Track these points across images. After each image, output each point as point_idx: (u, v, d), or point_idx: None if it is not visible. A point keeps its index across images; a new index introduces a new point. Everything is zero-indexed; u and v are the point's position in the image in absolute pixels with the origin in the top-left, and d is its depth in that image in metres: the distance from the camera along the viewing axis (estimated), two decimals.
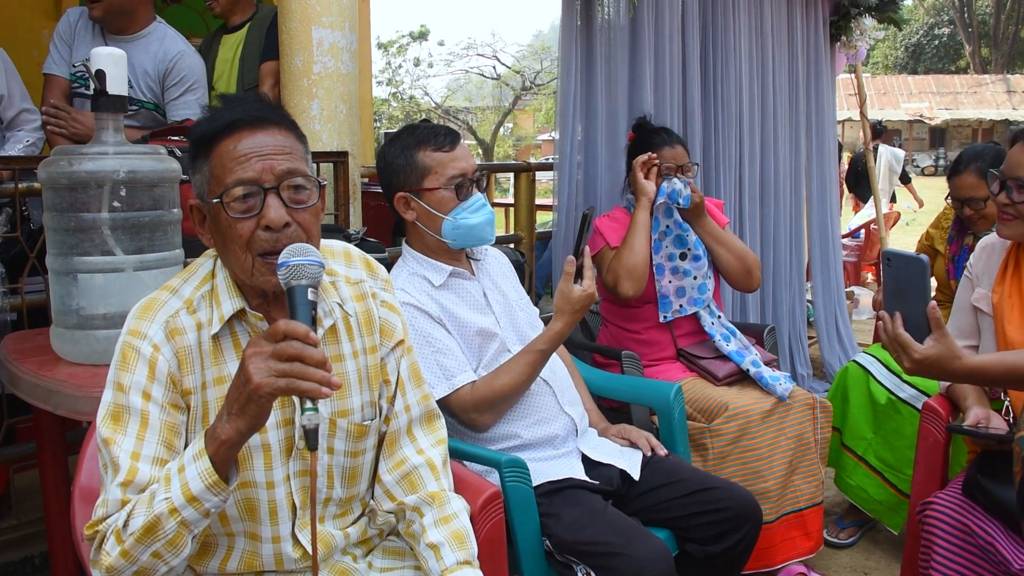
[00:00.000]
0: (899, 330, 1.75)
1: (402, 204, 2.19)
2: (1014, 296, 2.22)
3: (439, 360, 2.08)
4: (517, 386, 2.11)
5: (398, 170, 2.17)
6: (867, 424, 3.00)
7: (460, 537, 1.57)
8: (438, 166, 2.15)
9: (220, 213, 1.41)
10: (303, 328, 1.25)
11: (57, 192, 1.92)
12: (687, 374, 2.87)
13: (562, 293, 2.15)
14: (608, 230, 2.98)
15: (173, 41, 3.15)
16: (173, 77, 3.11)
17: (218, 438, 1.28)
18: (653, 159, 2.89)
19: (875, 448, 2.99)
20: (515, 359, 2.14)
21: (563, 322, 2.14)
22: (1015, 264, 2.26)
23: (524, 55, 27.25)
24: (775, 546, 2.64)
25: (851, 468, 3.06)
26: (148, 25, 3.13)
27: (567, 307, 2.14)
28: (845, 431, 3.07)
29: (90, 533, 1.36)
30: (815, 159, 4.79)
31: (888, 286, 1.78)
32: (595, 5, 3.44)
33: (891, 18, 5.03)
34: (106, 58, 1.94)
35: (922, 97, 31.93)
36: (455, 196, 2.15)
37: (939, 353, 1.72)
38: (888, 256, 1.80)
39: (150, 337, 1.42)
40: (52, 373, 1.95)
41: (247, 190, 1.40)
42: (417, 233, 2.22)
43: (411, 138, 2.18)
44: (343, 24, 2.93)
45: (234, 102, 1.47)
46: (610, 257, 2.90)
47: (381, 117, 26.30)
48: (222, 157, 1.41)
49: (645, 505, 2.16)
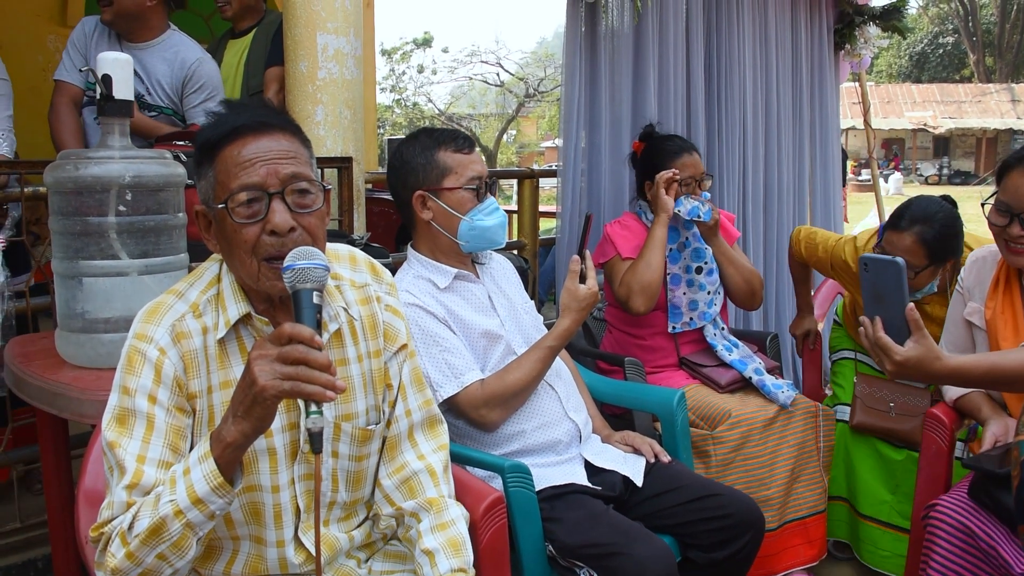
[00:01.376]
0: (879, 334, 1.75)
1: (419, 203, 2.18)
2: (1007, 311, 2.23)
3: (447, 359, 2.08)
4: (528, 381, 2.13)
5: (417, 168, 2.17)
6: (882, 486, 2.82)
7: (456, 544, 1.58)
8: (458, 166, 2.16)
9: (225, 218, 1.41)
10: (308, 331, 1.25)
11: (63, 196, 1.93)
12: (690, 381, 2.87)
13: (569, 291, 2.19)
14: (619, 239, 2.95)
15: (190, 48, 3.17)
16: (193, 84, 3.13)
17: (223, 440, 1.28)
18: (676, 176, 2.85)
19: (899, 508, 2.77)
20: (525, 355, 2.16)
21: (571, 319, 2.18)
22: (1006, 279, 2.26)
23: (528, 62, 27.33)
24: (777, 554, 2.64)
25: (878, 538, 2.82)
26: (163, 33, 3.14)
27: (574, 304, 2.18)
28: (859, 500, 2.86)
29: (95, 535, 1.36)
30: (819, 167, 4.79)
31: (867, 291, 1.79)
32: (599, 12, 3.45)
33: (895, 26, 5.03)
34: (112, 63, 1.95)
35: (926, 106, 31.94)
36: (474, 197, 2.17)
37: (920, 355, 1.72)
38: (865, 261, 1.80)
39: (156, 341, 1.42)
40: (57, 376, 1.95)
41: (252, 195, 1.40)
42: (429, 234, 2.22)
43: (430, 138, 2.19)
44: (348, 30, 2.94)
45: (238, 108, 1.47)
46: (621, 268, 2.89)
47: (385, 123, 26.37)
48: (227, 162, 1.41)
49: (648, 511, 2.16)
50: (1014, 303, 2.24)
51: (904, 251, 2.50)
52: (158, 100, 3.11)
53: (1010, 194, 2.17)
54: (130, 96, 1.98)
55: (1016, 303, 2.25)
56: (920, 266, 2.52)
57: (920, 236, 2.49)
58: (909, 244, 2.50)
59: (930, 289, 2.67)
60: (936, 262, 2.54)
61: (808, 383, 3.32)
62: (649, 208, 2.98)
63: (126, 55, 2.00)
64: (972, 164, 32.43)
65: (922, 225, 2.49)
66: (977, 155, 32.55)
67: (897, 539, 2.79)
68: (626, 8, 3.51)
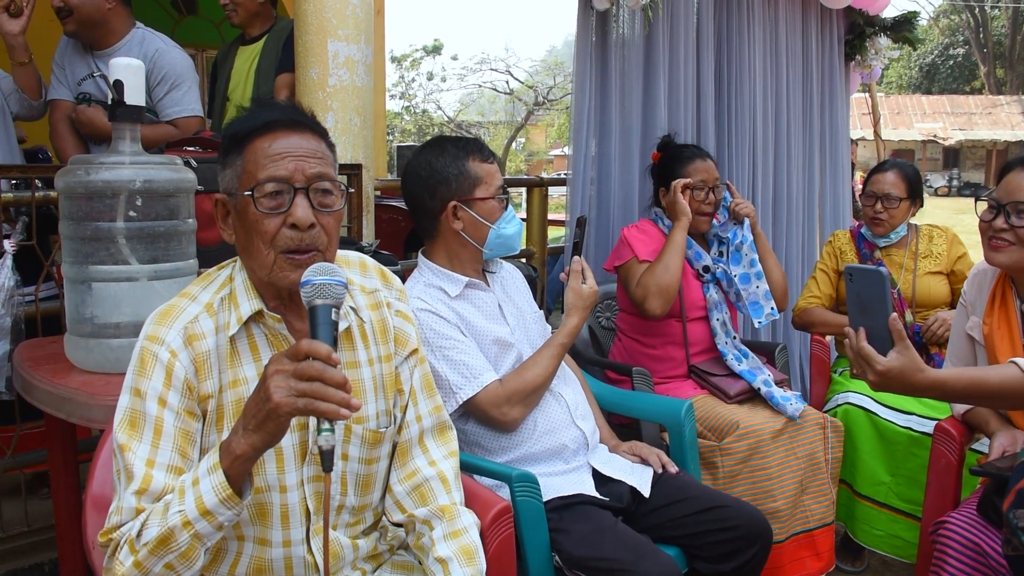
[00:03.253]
0: (862, 343, 1.75)
1: (451, 214, 2.18)
2: (1003, 327, 2.22)
3: (463, 360, 2.08)
4: (545, 377, 2.17)
5: (450, 179, 2.16)
6: (882, 467, 2.85)
7: (469, 552, 1.57)
8: (488, 176, 2.18)
9: (248, 206, 1.43)
10: (326, 349, 1.24)
11: (74, 201, 1.94)
12: (698, 392, 2.86)
13: (574, 290, 2.27)
14: (637, 242, 2.96)
15: (151, 41, 3.13)
16: (155, 76, 3.09)
17: (233, 452, 1.28)
18: (690, 183, 2.92)
19: (897, 490, 2.83)
20: (539, 353, 2.20)
21: (578, 317, 2.26)
22: (1002, 295, 2.26)
23: (537, 70, 27.40)
24: (784, 566, 2.62)
25: (873, 518, 2.88)
26: (127, 34, 3.12)
27: (580, 303, 2.26)
28: (857, 480, 2.91)
29: (104, 541, 1.36)
30: (828, 177, 4.78)
31: (851, 301, 1.80)
32: (610, 21, 3.45)
33: (906, 38, 5.02)
34: (124, 68, 1.96)
35: (936, 117, 31.89)
36: (501, 206, 2.19)
37: (901, 366, 1.72)
38: (850, 272, 1.81)
39: (168, 343, 1.43)
40: (66, 381, 1.96)
41: (278, 187, 1.43)
42: (454, 243, 2.21)
43: (459, 149, 2.19)
44: (359, 37, 2.95)
45: (271, 105, 1.52)
46: (638, 270, 2.89)
47: (394, 130, 26.45)
48: (256, 153, 1.44)
49: (655, 522, 2.15)
50: (1010, 319, 2.23)
51: (890, 184, 3.14)
52: None
53: (1002, 189, 2.17)
54: (141, 102, 1.99)
55: (1012, 318, 2.24)
56: (901, 197, 3.14)
57: (901, 169, 3.20)
58: (893, 178, 3.16)
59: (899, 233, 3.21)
60: (911, 196, 3.17)
61: (816, 395, 3.31)
62: (665, 215, 3.00)
63: (138, 61, 2.01)
64: (982, 176, 32.32)
65: (900, 166, 3.23)
66: (987, 167, 32.42)
67: (892, 520, 2.84)
68: (637, 17, 3.52)
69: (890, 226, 3.18)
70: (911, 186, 3.16)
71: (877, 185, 3.18)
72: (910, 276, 3.17)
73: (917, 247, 3.22)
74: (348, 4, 2.90)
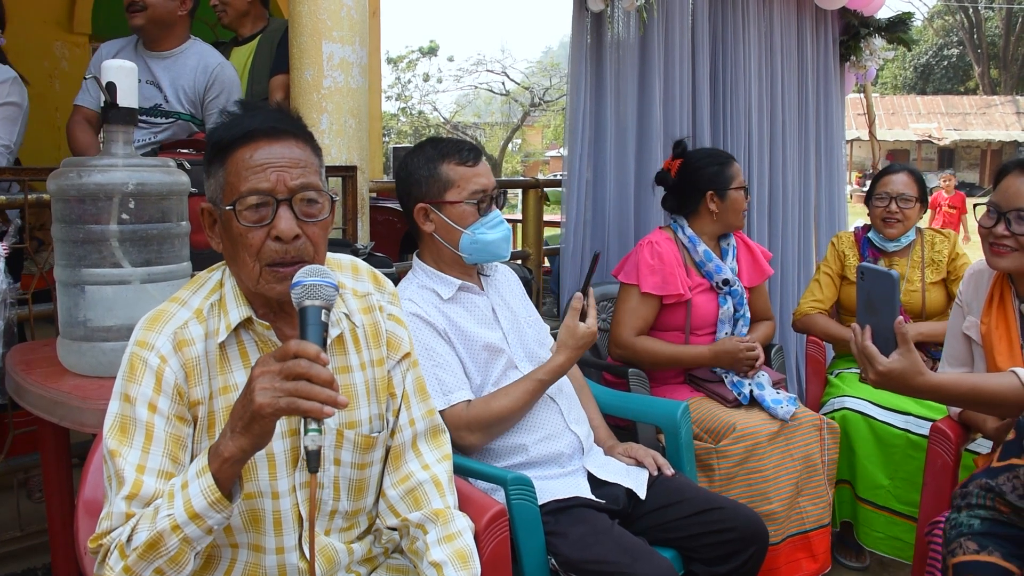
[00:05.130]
0: (866, 342, 1.78)
1: (421, 215, 2.18)
2: (1000, 327, 2.22)
3: (438, 374, 2.07)
4: (513, 411, 2.10)
5: (420, 181, 2.16)
6: (880, 471, 2.86)
7: (464, 556, 1.56)
8: (461, 180, 2.15)
9: (232, 220, 1.41)
10: (314, 349, 1.23)
11: (66, 204, 1.92)
12: (694, 394, 2.85)
13: (568, 328, 2.17)
14: (646, 269, 2.85)
15: (212, 55, 3.23)
16: (216, 88, 3.18)
17: (221, 455, 1.27)
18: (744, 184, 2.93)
19: (896, 493, 2.83)
20: (514, 385, 2.14)
21: (565, 356, 2.17)
22: (1000, 295, 2.25)
23: (533, 71, 27.44)
24: (780, 568, 2.62)
25: (873, 520, 2.89)
26: (184, 42, 3.19)
27: (571, 342, 2.17)
28: (857, 483, 2.91)
29: (94, 546, 1.35)
30: (824, 178, 4.79)
31: (860, 299, 1.82)
32: (605, 22, 3.45)
33: (901, 38, 5.03)
34: (117, 70, 1.95)
35: (931, 118, 31.95)
36: (476, 211, 2.16)
37: (903, 367, 1.74)
38: (862, 270, 1.84)
39: (157, 348, 1.42)
40: (58, 385, 1.94)
41: (260, 200, 1.40)
42: (433, 246, 2.21)
43: (435, 150, 2.18)
44: (353, 39, 2.94)
45: (254, 110, 1.47)
46: (632, 302, 2.86)
47: (390, 132, 26.44)
48: (237, 165, 1.42)
49: (651, 524, 2.15)
50: (1008, 318, 2.23)
51: (903, 184, 3.17)
52: (176, 107, 3.14)
53: (1000, 194, 2.17)
54: (134, 104, 1.98)
55: (1010, 318, 2.24)
56: (915, 196, 3.16)
57: (912, 172, 3.22)
58: (905, 179, 3.19)
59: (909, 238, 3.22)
60: (921, 200, 3.18)
61: (812, 396, 3.31)
62: (687, 223, 2.96)
63: (131, 63, 2.00)
64: (977, 176, 32.38)
65: (909, 169, 3.24)
66: (982, 167, 32.49)
67: (891, 522, 2.86)
68: (632, 18, 3.51)
69: (904, 227, 3.18)
70: (920, 188, 3.19)
71: (890, 186, 3.19)
72: (911, 288, 3.18)
73: (923, 255, 3.21)
74: (343, 6, 2.89)
